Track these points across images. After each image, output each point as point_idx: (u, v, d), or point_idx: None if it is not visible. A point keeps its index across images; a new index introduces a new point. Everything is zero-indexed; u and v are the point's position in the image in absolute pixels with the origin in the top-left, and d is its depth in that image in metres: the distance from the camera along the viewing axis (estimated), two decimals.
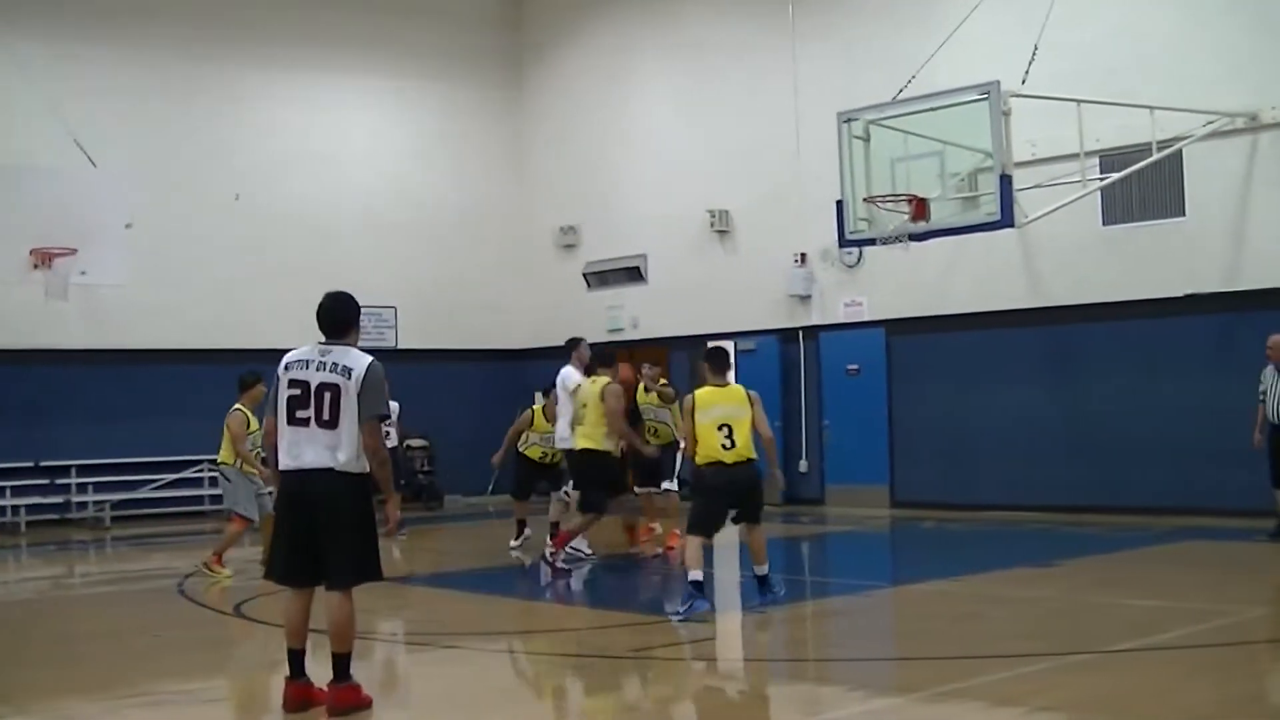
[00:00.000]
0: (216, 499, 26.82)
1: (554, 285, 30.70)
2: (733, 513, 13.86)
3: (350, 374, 9.36)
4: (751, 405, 13.84)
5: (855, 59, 24.73)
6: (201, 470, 26.75)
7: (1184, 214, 21.18)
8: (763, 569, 13.93)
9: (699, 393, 13.82)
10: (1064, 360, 22.61)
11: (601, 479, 17.25)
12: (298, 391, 9.37)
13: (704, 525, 13.77)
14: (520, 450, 19.60)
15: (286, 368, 9.53)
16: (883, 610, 14.30)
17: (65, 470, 25.57)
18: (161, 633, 13.94)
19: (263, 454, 17.38)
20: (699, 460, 13.64)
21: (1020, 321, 23.00)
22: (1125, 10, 21.94)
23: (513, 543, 19.67)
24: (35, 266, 21.54)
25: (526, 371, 29.99)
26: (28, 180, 21.63)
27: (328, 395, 9.31)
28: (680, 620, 12.99)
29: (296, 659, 9.51)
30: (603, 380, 17.53)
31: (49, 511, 25.52)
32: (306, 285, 27.73)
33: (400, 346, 29.47)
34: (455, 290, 30.31)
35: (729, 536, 19.37)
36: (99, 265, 21.80)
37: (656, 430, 19.62)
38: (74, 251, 21.42)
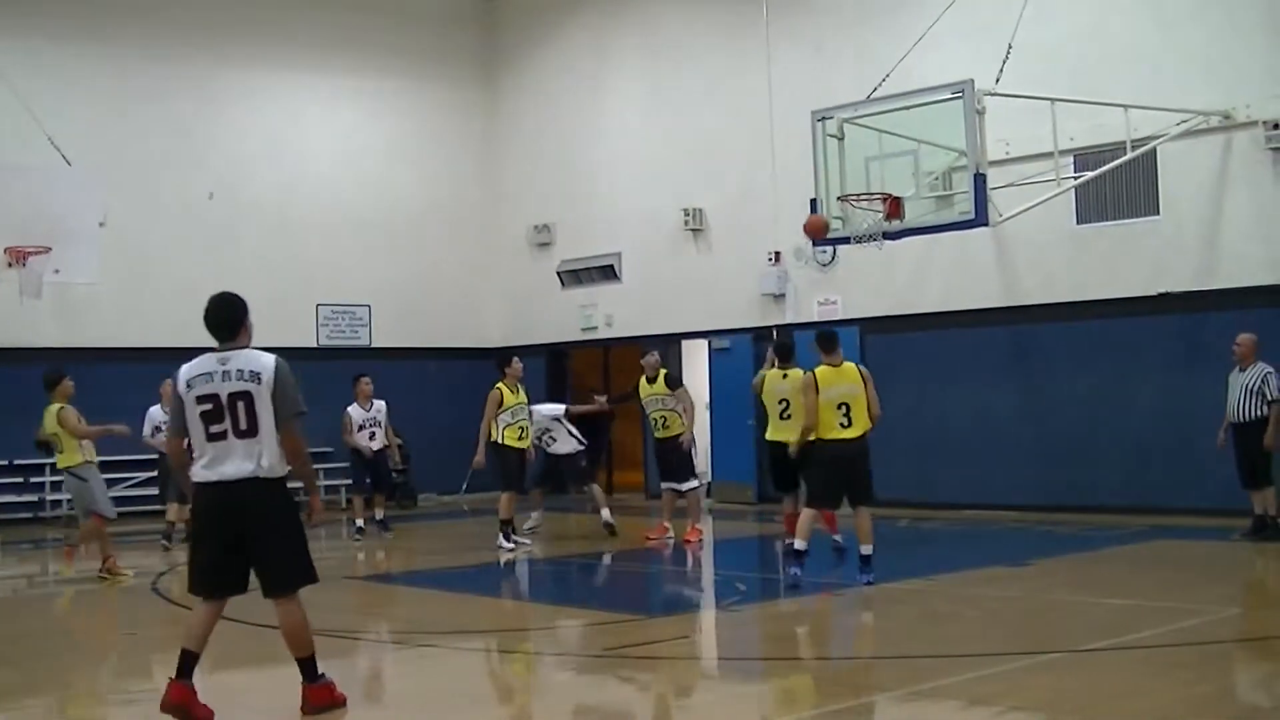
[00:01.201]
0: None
1: (528, 284, 30.71)
2: None
3: (260, 378, 9.12)
4: (865, 384, 14.69)
5: (829, 58, 24.76)
6: None
7: (1158, 213, 21.25)
8: (867, 549, 14.51)
9: (819, 371, 14.62)
10: (1037, 359, 22.68)
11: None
12: (209, 406, 9.08)
13: (824, 498, 14.67)
14: (500, 442, 19.40)
15: (189, 385, 9.18)
16: (856, 609, 14.31)
17: (39, 469, 25.47)
18: (135, 631, 13.93)
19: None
20: (819, 436, 14.41)
21: (994, 320, 23.06)
22: (1099, 9, 22.01)
23: (524, 539, 19.69)
24: (10, 265, 21.50)
25: (496, 371, 29.97)
26: (1, 178, 21.55)
27: (241, 404, 9.06)
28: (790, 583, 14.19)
29: (188, 660, 9.32)
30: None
31: (22, 510, 25.47)
32: (280, 284, 28.11)
33: (374, 345, 29.47)
34: (429, 289, 30.31)
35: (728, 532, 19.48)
36: (72, 264, 21.75)
37: (665, 420, 19.63)
38: (48, 250, 21.38)
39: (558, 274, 30.01)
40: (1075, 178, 20.80)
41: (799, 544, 14.33)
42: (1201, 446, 19.43)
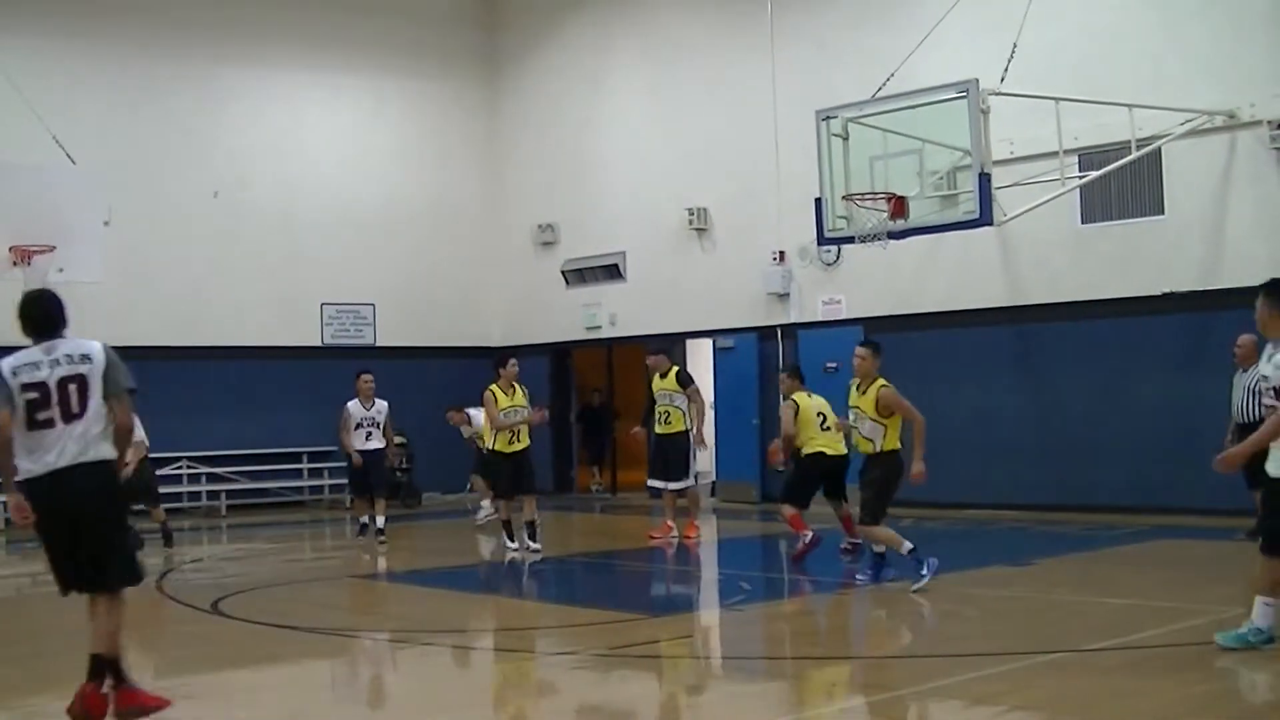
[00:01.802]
0: (195, 495, 26.89)
1: (532, 283, 30.69)
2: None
3: (90, 359, 9.11)
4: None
5: (833, 57, 24.73)
6: (180, 467, 26.74)
7: (1162, 212, 21.22)
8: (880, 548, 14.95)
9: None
10: (1041, 358, 22.66)
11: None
12: (35, 395, 8.96)
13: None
14: (491, 447, 19.29)
15: (14, 373, 9.02)
16: (859, 608, 14.32)
17: None
18: (139, 629, 13.92)
19: None
20: (891, 447, 14.60)
21: (998, 320, 23.04)
22: (1104, 9, 21.98)
23: (512, 544, 19.13)
24: (14, 264, 21.51)
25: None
26: (6, 177, 21.54)
27: (73, 386, 9.00)
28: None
29: (96, 663, 9.11)
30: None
31: None
32: (283, 283, 28.13)
33: (378, 344, 29.47)
34: (433, 288, 30.30)
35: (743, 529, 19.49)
36: (76, 262, 21.74)
37: (669, 415, 19.66)
38: (52, 249, 21.39)
39: (562, 273, 30.00)
40: (1080, 177, 20.77)
41: (905, 546, 14.27)
42: (1205, 446, 19.34)
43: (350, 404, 21.11)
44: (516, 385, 19.11)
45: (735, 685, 10.83)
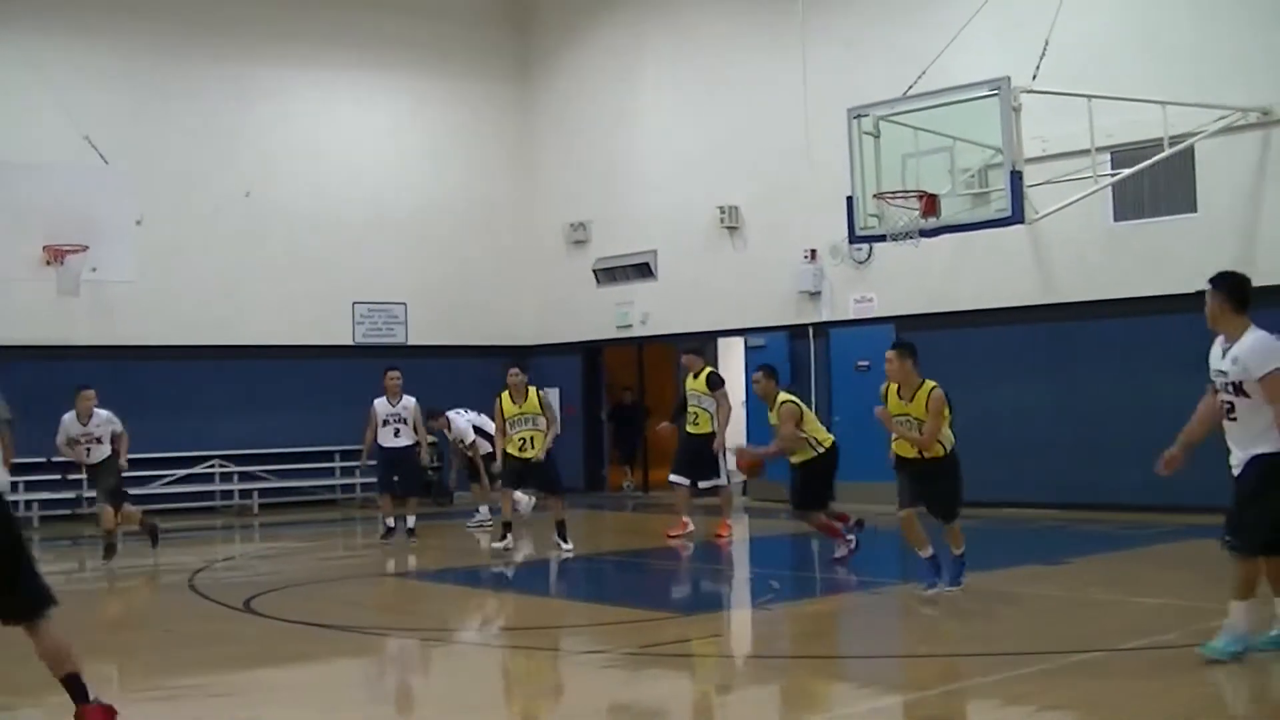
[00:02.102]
0: (227, 494, 26.95)
1: (564, 281, 30.69)
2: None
3: None
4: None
5: (865, 55, 24.68)
6: (212, 466, 26.83)
7: (1195, 210, 21.14)
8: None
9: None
10: (1073, 356, 22.58)
11: None
12: None
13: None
14: (504, 450, 19.40)
15: None
16: (892, 607, 14.29)
17: (74, 465, 25.56)
18: (172, 627, 13.97)
19: None
20: (951, 444, 14.14)
21: (1030, 318, 22.98)
22: (1136, 5, 21.91)
23: (498, 544, 19.29)
24: (48, 263, 21.65)
25: (532, 368, 30.07)
26: (39, 177, 21.68)
27: None
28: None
29: (70, 683, 8.79)
30: None
31: (61, 507, 25.55)
32: (315, 282, 28.19)
33: (410, 343, 29.50)
34: (465, 286, 30.32)
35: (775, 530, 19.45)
36: (109, 262, 21.87)
37: (697, 417, 19.69)
38: (85, 248, 21.51)
39: (593, 272, 30.00)
40: (1112, 175, 20.69)
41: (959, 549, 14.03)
42: None
43: (377, 401, 21.11)
44: (530, 392, 19.15)
45: (765, 684, 10.81)
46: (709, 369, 20.30)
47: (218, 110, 27.86)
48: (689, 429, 20.01)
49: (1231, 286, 11.03)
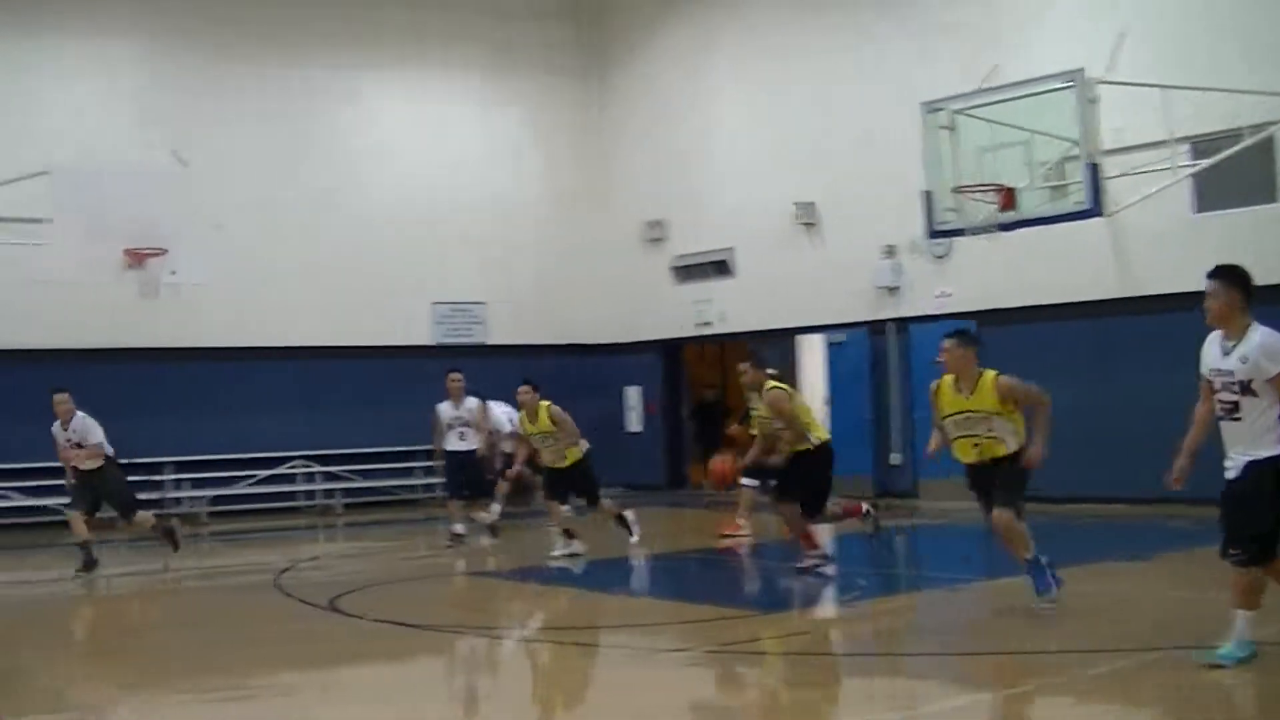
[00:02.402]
0: (310, 494, 27.15)
1: (641, 279, 30.69)
2: None
3: None
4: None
5: (940, 48, 24.54)
6: (295, 466, 27.04)
7: (1275, 200, 20.96)
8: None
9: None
10: (1155, 350, 22.39)
11: None
12: None
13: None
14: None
15: None
16: (974, 604, 14.25)
17: (160, 466, 25.87)
18: (256, 626, 14.09)
19: None
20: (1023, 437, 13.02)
21: (1111, 311, 22.81)
22: None
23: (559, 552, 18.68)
24: (129, 266, 21.88)
25: (611, 366, 30.15)
26: (119, 182, 21.89)
27: None
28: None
29: None
30: None
31: (145, 507, 25.76)
32: (394, 283, 28.30)
33: (490, 342, 29.60)
34: (544, 285, 30.37)
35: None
36: (188, 265, 22.09)
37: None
38: (164, 252, 21.74)
39: (671, 269, 30.01)
40: (1190, 165, 20.53)
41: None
42: None
43: (440, 405, 20.92)
44: (541, 411, 18.60)
45: (848, 682, 10.82)
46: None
47: (296, 113, 28.05)
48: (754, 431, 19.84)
49: (1243, 281, 10.48)
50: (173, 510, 25.76)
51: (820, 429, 16.05)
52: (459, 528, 20.64)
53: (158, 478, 25.89)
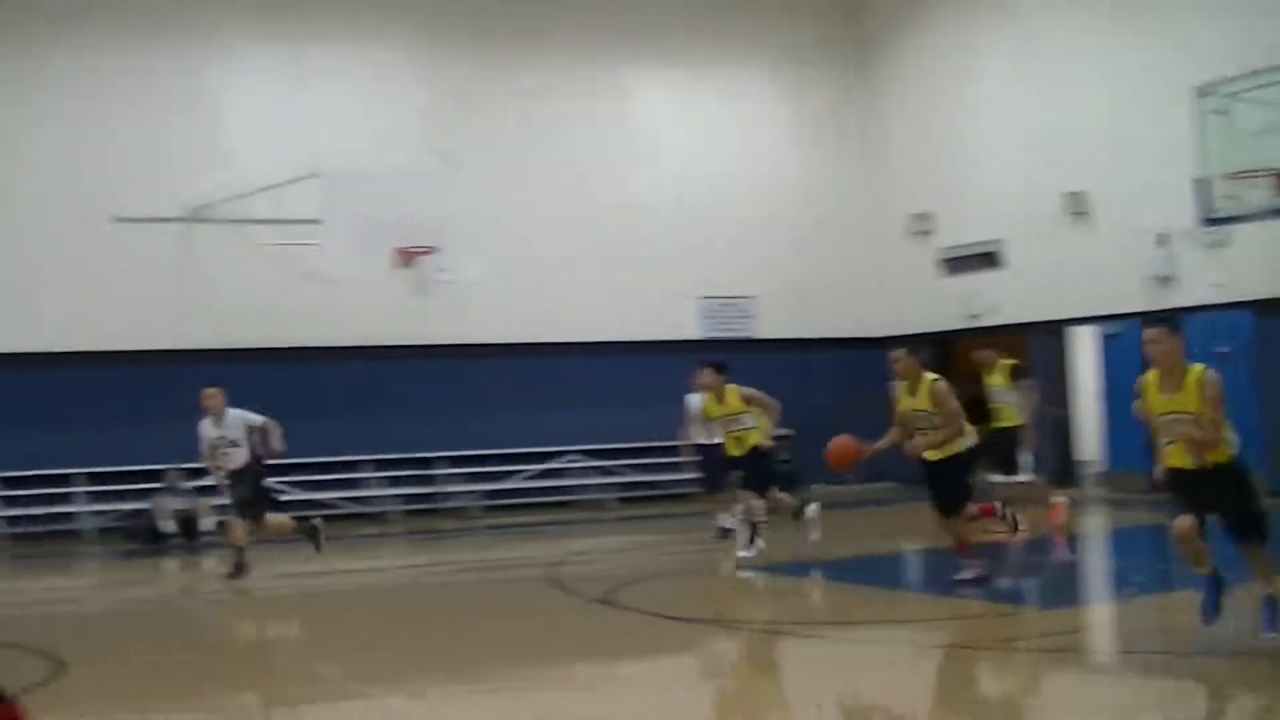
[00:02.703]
0: (584, 488, 27.35)
1: (909, 271, 30.41)
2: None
3: None
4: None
5: (1208, 31, 23.96)
6: (572, 460, 27.32)
7: None
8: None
9: None
10: None
11: None
12: None
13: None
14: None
15: None
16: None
17: (432, 461, 26.37)
18: (526, 619, 14.30)
19: None
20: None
21: None
22: None
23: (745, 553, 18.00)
24: (399, 265, 22.38)
25: (881, 360, 29.94)
26: (391, 182, 22.37)
27: None
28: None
29: None
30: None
31: (420, 501, 26.35)
32: (661, 278, 28.46)
33: (759, 337, 29.59)
34: (810, 280, 30.21)
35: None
36: (458, 263, 22.50)
37: (1000, 411, 19.23)
38: (435, 250, 22.17)
39: (939, 261, 29.74)
40: None
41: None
42: None
43: (690, 397, 20.81)
44: (728, 391, 18.09)
45: (1132, 680, 10.62)
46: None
47: (558, 110, 28.29)
48: (994, 424, 19.37)
49: None
50: (445, 505, 26.28)
51: (973, 431, 15.14)
52: (725, 522, 20.09)
53: (431, 472, 26.41)
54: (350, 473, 26.06)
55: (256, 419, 17.83)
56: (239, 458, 17.72)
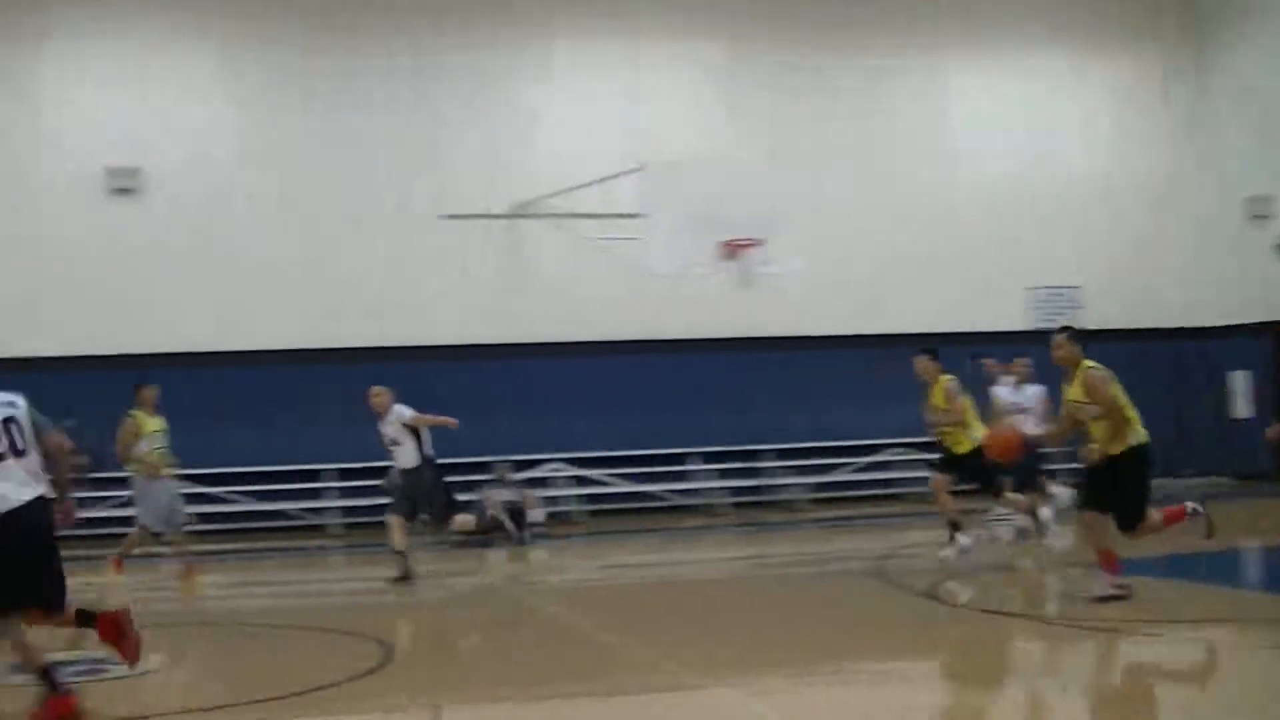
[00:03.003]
0: (911, 481, 27.00)
1: (1244, 258, 29.37)
2: None
3: (16, 404, 9.65)
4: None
5: None
6: (898, 454, 27.06)
7: None
8: None
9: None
10: None
11: None
12: None
13: None
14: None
15: None
16: None
17: (761, 454, 26.34)
18: (851, 610, 14.19)
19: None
20: None
21: None
22: None
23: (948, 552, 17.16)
24: (725, 258, 22.42)
25: (1213, 350, 29.06)
26: (713, 176, 22.37)
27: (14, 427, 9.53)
28: None
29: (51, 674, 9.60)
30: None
31: (748, 494, 26.37)
32: (986, 268, 28.04)
33: (1089, 326, 28.94)
34: (1139, 267, 29.44)
35: None
36: (781, 255, 22.47)
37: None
38: (759, 243, 22.17)
39: (1275, 247, 28.68)
40: None
41: None
42: None
43: (997, 388, 20.40)
44: (940, 383, 17.24)
45: None
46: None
47: (879, 102, 28.11)
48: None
49: None
50: (773, 498, 26.25)
51: (1141, 429, 13.63)
52: (1019, 519, 18.94)
53: (758, 465, 26.42)
54: (678, 465, 26.22)
55: (407, 413, 17.40)
56: (406, 457, 17.47)
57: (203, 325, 24.64)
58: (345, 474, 24.66)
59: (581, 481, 25.94)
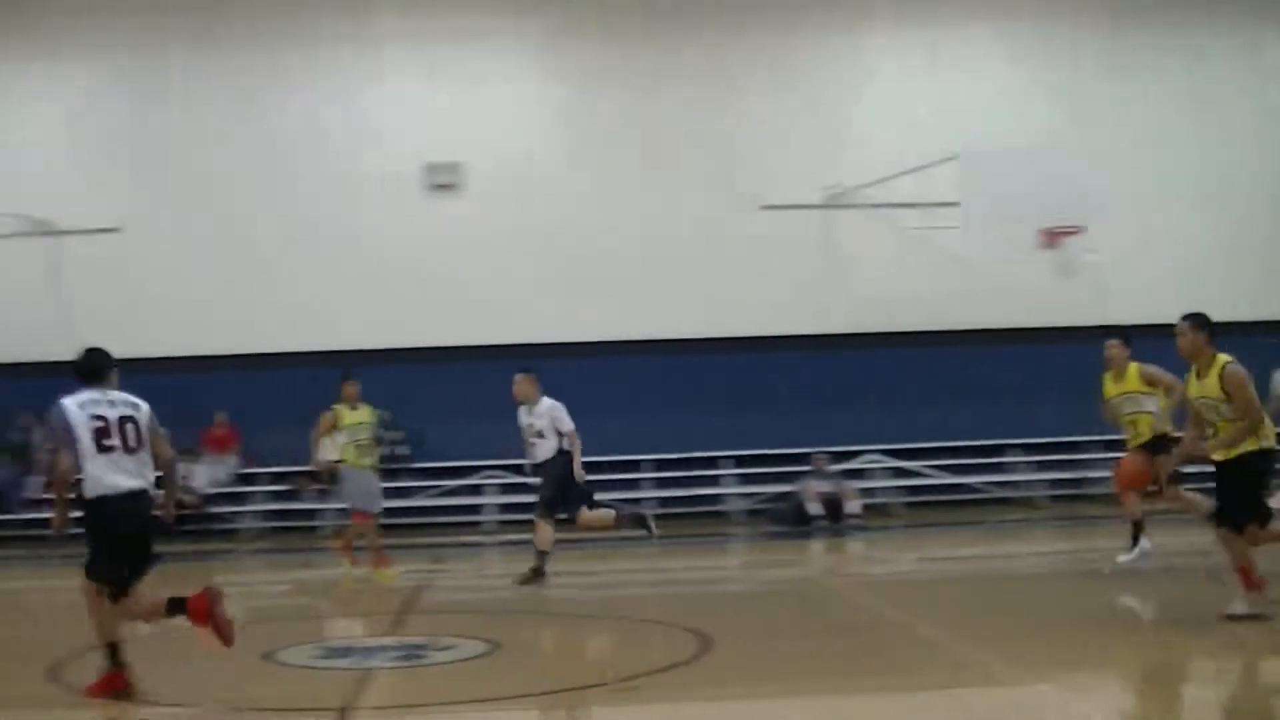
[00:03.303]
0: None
1: None
2: None
3: (139, 408, 10.58)
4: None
5: None
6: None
7: None
8: None
9: None
10: None
11: None
12: (101, 425, 10.34)
13: None
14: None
15: (81, 407, 10.37)
16: None
17: (1082, 445, 25.74)
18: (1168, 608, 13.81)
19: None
20: None
21: None
22: None
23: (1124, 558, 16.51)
24: (1045, 247, 22.13)
25: None
26: (1031, 162, 22.06)
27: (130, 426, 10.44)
28: None
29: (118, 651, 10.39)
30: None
31: (1068, 487, 25.89)
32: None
33: None
34: None
35: None
36: (1100, 242, 22.11)
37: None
38: (1080, 230, 21.83)
39: None
40: None
41: None
42: None
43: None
44: (1131, 369, 16.57)
45: None
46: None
47: (1196, 80, 27.42)
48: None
49: None
50: (1093, 491, 25.70)
51: (1271, 432, 12.37)
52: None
53: (1078, 457, 25.89)
54: (997, 456, 26.03)
55: (567, 425, 16.74)
56: (545, 449, 16.79)
57: (538, 319, 25.22)
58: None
59: (899, 473, 25.86)
